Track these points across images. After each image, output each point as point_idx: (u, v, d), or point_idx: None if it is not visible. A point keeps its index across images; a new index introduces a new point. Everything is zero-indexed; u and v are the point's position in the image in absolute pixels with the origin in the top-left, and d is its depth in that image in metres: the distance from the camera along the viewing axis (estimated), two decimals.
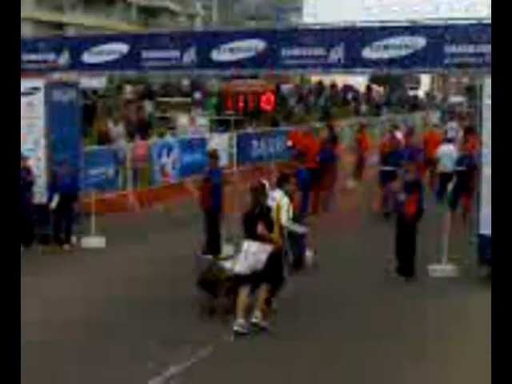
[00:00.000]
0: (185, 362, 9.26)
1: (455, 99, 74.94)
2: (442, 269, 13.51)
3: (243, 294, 10.60)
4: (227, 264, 11.37)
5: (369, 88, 58.56)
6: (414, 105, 63.02)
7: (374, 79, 60.31)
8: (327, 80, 50.31)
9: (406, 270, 13.35)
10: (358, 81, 54.58)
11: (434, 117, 55.88)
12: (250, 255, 10.61)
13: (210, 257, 12.52)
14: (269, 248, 10.62)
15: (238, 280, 10.74)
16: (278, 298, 11.22)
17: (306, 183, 14.44)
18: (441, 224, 13.77)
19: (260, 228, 10.55)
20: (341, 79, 50.50)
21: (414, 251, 13.38)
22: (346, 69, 14.44)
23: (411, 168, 13.88)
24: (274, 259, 10.72)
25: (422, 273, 13.39)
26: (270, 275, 10.68)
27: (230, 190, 16.11)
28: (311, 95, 48.08)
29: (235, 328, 10.30)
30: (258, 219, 10.65)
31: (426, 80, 79.89)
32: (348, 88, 53.45)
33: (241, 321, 10.37)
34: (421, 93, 77.11)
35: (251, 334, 10.27)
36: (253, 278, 10.62)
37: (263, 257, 10.57)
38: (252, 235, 10.66)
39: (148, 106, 34.69)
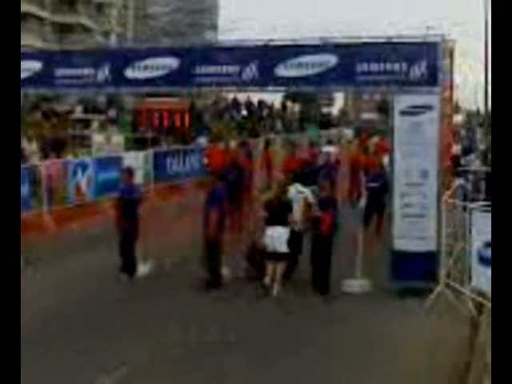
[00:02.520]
0: None
1: (367, 116, 76.26)
2: (357, 284, 13.71)
3: (270, 268, 13.46)
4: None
5: (283, 105, 59.11)
6: (328, 121, 63.78)
7: (288, 96, 60.90)
8: (243, 97, 50.55)
9: (321, 285, 13.51)
10: (273, 98, 55.08)
11: (348, 133, 56.76)
12: (274, 239, 13.43)
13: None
14: (288, 231, 13.53)
15: (267, 257, 13.58)
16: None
17: (222, 201, 14.39)
18: (355, 240, 14.03)
19: (290, 216, 13.68)
20: (256, 96, 50.84)
21: (329, 267, 13.56)
22: (260, 86, 14.56)
23: (325, 185, 14.09)
24: (292, 243, 13.65)
25: (337, 287, 13.57)
26: (287, 255, 13.58)
27: (146, 207, 15.99)
28: (227, 112, 48.24)
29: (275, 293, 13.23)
30: (283, 209, 13.62)
31: (339, 97, 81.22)
32: (263, 105, 53.81)
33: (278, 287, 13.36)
34: (335, 110, 78.29)
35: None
36: (275, 256, 13.45)
37: (284, 238, 13.44)
38: (276, 222, 13.51)
39: (94, 123, 34.67)
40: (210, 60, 14.45)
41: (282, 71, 13.98)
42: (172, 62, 14.65)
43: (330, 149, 25.90)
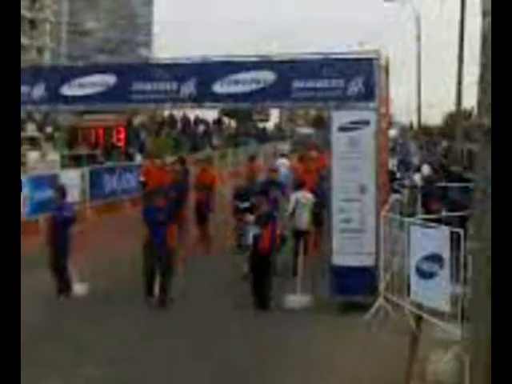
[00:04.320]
0: None
1: (304, 131, 76.36)
2: (297, 299, 13.71)
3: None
4: None
5: (220, 121, 59.17)
6: (264, 136, 63.99)
7: (225, 112, 60.96)
8: (179, 113, 50.40)
9: (262, 302, 13.48)
10: (209, 114, 55.02)
11: (284, 148, 56.86)
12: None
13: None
14: None
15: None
16: None
17: (169, 218, 14.22)
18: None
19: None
20: (193, 112, 50.71)
21: (269, 283, 13.55)
22: (197, 103, 14.55)
23: (263, 201, 14.07)
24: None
25: (278, 304, 13.57)
26: None
27: (82, 225, 15.79)
28: (163, 128, 48.01)
29: None
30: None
31: (275, 112, 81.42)
32: (199, 121, 53.72)
33: None
34: (270, 125, 78.50)
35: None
36: None
37: None
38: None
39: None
40: (147, 77, 14.39)
41: (219, 88, 13.98)
42: (109, 79, 14.56)
43: (283, 161, 25.74)
